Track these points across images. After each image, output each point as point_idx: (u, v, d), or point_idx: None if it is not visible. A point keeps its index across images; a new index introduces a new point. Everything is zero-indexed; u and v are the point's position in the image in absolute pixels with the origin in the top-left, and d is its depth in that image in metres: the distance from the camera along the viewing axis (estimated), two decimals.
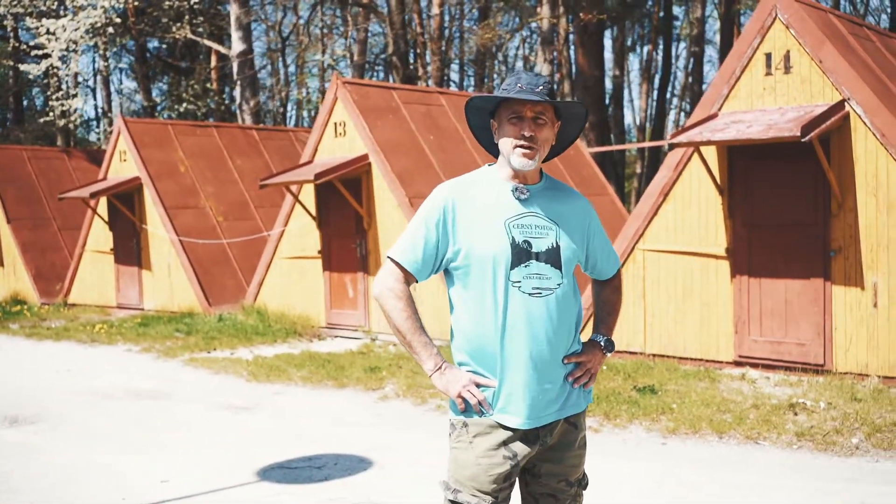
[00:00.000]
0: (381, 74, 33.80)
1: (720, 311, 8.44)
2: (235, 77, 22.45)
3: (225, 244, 14.68)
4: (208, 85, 28.67)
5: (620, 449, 6.12)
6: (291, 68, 37.20)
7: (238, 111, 22.78)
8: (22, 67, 24.40)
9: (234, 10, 21.93)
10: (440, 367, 2.64)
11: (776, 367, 8.09)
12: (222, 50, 24.03)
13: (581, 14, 16.05)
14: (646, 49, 32.09)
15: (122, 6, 24.97)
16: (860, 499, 4.97)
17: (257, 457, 6.09)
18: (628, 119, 48.81)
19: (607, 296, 2.94)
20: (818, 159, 7.52)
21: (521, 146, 2.63)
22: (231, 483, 5.54)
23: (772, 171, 8.07)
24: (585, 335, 3.04)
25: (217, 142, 16.26)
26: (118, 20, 24.42)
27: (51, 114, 25.34)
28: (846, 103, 7.60)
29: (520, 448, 2.62)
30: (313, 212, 12.14)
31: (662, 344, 8.84)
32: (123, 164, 15.27)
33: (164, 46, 35.02)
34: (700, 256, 8.57)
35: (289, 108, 38.89)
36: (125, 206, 15.07)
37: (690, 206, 8.60)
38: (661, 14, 23.71)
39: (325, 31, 32.70)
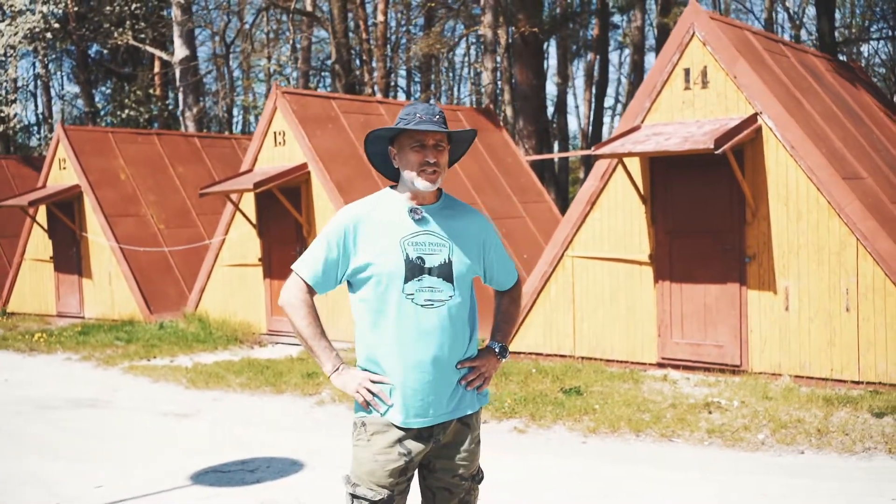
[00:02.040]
0: (328, 80, 33.89)
1: (644, 315, 8.81)
2: (178, 84, 22.42)
3: (166, 252, 14.71)
4: (151, 91, 28.51)
5: (544, 448, 6.41)
6: (238, 73, 37.15)
7: (181, 118, 22.74)
8: None
9: (176, 15, 21.92)
10: (338, 368, 2.90)
11: (696, 369, 8.48)
12: (164, 56, 23.93)
13: (515, 27, 16.41)
14: (589, 57, 32.70)
15: (61, 11, 24.76)
16: (762, 490, 5.32)
17: (192, 462, 6.25)
18: (574, 125, 49.58)
19: (506, 306, 3.22)
20: (733, 170, 7.92)
21: (425, 171, 2.90)
22: (165, 487, 5.70)
23: (691, 180, 8.46)
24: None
25: (159, 149, 16.27)
26: (57, 25, 24.17)
27: None
28: (759, 117, 8.02)
29: (414, 445, 2.88)
30: (254, 220, 12.28)
31: (591, 347, 9.18)
32: (63, 172, 15.21)
33: (107, 52, 34.70)
34: (625, 263, 8.93)
35: (235, 113, 38.78)
36: (65, 214, 15.01)
37: (616, 215, 8.97)
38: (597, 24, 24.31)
39: (271, 36, 32.74)
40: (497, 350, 3.09)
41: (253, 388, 8.89)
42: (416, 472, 2.98)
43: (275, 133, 12.04)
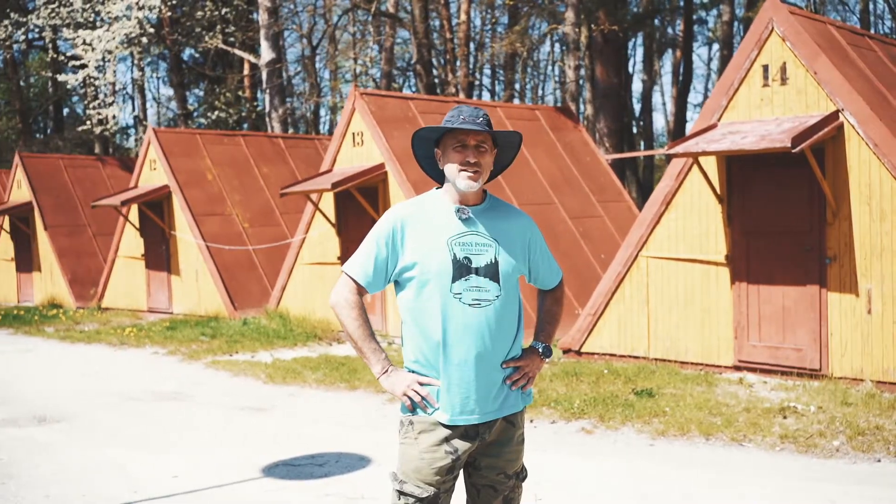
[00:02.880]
0: (412, 81, 34.20)
1: (720, 317, 8.65)
2: (264, 86, 22.96)
3: (251, 250, 15.12)
4: (240, 93, 29.28)
5: (610, 449, 6.37)
6: (326, 74, 37.86)
7: (267, 119, 23.28)
8: (59, 77, 25.14)
9: (262, 19, 22.45)
10: (387, 371, 2.97)
11: (774, 372, 8.28)
12: (252, 59, 24.54)
13: (593, 25, 16.26)
14: (676, 53, 32.12)
15: (155, 17, 25.65)
16: (831, 498, 5.18)
17: (264, 455, 6.44)
18: (662, 124, 48.70)
19: (549, 306, 3.25)
20: (813, 169, 7.70)
21: (466, 171, 2.94)
22: (237, 479, 5.89)
23: (769, 180, 8.26)
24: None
25: (244, 150, 16.73)
26: (151, 30, 25.04)
27: (87, 122, 26.06)
28: (840, 114, 7.78)
29: (460, 444, 2.93)
30: (333, 219, 12.51)
31: (665, 348, 9.06)
32: (153, 173, 15.79)
33: (199, 55, 35.82)
34: (701, 263, 8.78)
35: (322, 113, 39.51)
36: (155, 213, 15.58)
37: (692, 215, 8.82)
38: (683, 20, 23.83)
39: (357, 37, 33.23)
40: (541, 350, 3.13)
41: (328, 385, 9.08)
42: (461, 469, 3.03)
43: (353, 134, 12.24)
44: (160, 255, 15.84)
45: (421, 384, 2.94)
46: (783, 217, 8.22)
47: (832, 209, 7.86)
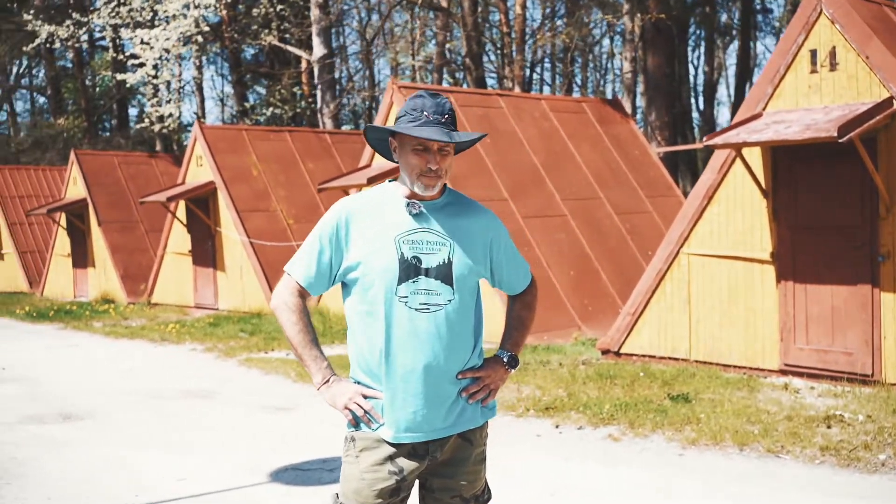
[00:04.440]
0: (463, 75, 33.92)
1: (765, 318, 8.17)
2: (316, 81, 22.93)
3: (294, 246, 15.04)
4: (296, 89, 29.36)
5: (635, 458, 6.01)
6: (386, 70, 37.87)
7: (319, 114, 23.25)
8: (119, 76, 25.54)
9: (314, 15, 22.43)
10: (328, 381, 2.69)
11: (822, 377, 7.78)
12: (304, 55, 24.55)
13: (641, 14, 15.75)
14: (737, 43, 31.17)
15: (213, 15, 25.86)
16: None
17: (276, 457, 6.24)
18: (727, 115, 47.41)
19: (517, 311, 2.93)
20: (864, 160, 7.19)
21: (426, 176, 2.66)
22: (243, 483, 5.70)
23: (817, 172, 7.76)
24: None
25: (290, 146, 16.67)
26: (207, 28, 25.24)
27: (146, 120, 26.43)
28: (894, 101, 7.24)
29: (406, 463, 2.64)
30: None
31: (707, 350, 8.61)
32: (200, 169, 15.83)
33: (258, 52, 36.12)
34: (745, 261, 8.31)
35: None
36: (201, 209, 15.62)
37: (735, 209, 8.35)
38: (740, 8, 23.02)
39: (408, 31, 33.07)
40: (505, 360, 2.82)
41: None
42: (412, 491, 2.75)
43: None
44: (206, 251, 15.88)
45: (365, 397, 2.66)
46: (832, 212, 7.71)
47: (885, 203, 7.33)
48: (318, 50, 22.53)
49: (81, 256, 19.62)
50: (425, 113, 2.65)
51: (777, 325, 8.08)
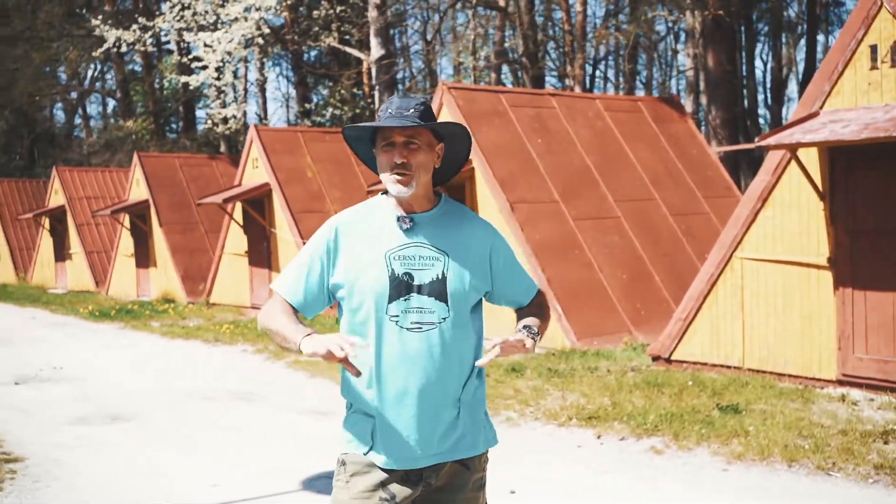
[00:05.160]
0: (521, 73, 33.66)
1: (822, 325, 7.82)
2: (374, 82, 22.98)
3: None
4: (356, 90, 29.52)
5: (676, 473, 5.79)
6: (449, 69, 37.82)
7: (377, 115, 23.28)
8: (183, 79, 25.99)
9: (372, 16, 22.47)
10: (310, 334, 2.40)
11: (883, 389, 7.40)
12: (362, 56, 24.64)
13: (697, 11, 15.33)
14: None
15: (272, 17, 26.12)
16: None
17: (311, 464, 6.19)
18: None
19: (528, 310, 2.71)
20: None
21: (395, 173, 2.53)
22: (275, 490, 5.66)
23: (877, 174, 7.39)
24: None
25: (345, 147, 16.69)
26: (268, 31, 25.52)
27: (208, 122, 26.85)
28: None
29: (399, 490, 2.52)
30: None
31: (761, 359, 8.30)
32: (255, 171, 15.98)
33: (321, 54, 36.46)
34: (801, 266, 7.97)
35: None
36: (256, 210, 15.76)
37: (790, 212, 8.02)
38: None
39: (474, 30, 32.96)
40: (532, 331, 2.56)
41: None
42: None
43: None
44: (261, 252, 16.01)
45: (351, 344, 2.32)
46: (893, 215, 7.33)
47: None
48: (376, 51, 22.54)
49: (144, 257, 20.01)
50: (389, 111, 2.54)
51: (834, 333, 7.73)
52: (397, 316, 2.50)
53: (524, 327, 2.60)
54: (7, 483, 5.83)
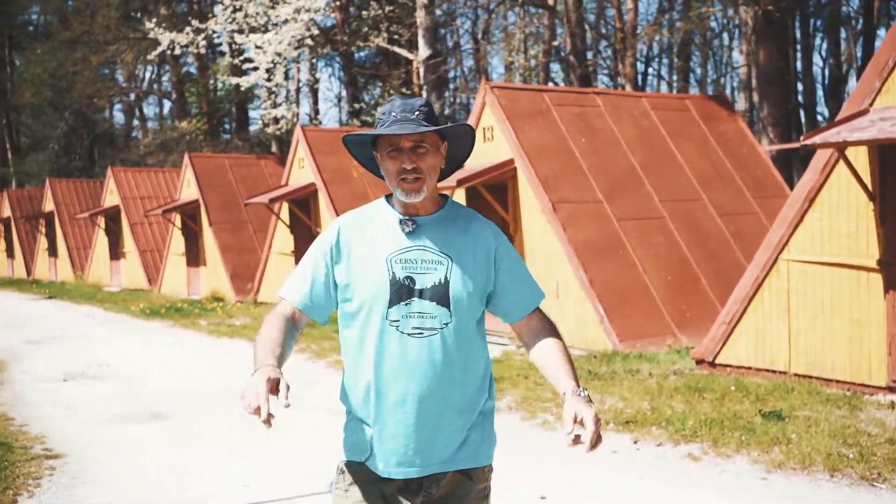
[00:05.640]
0: (567, 73, 33.36)
1: (872, 330, 7.57)
2: (421, 82, 23.00)
3: None
4: (404, 89, 29.57)
5: (712, 482, 5.64)
6: (500, 68, 37.71)
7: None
8: (235, 80, 26.31)
9: (419, 16, 22.49)
10: (257, 370, 2.26)
11: None
12: (410, 56, 24.67)
13: (746, 8, 14.99)
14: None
15: (322, 18, 26.30)
16: None
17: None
18: None
19: (553, 341, 2.52)
20: None
21: (405, 180, 2.47)
22: (305, 492, 5.65)
23: None
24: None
25: None
26: (317, 32, 25.71)
27: (260, 122, 27.13)
28: None
29: (398, 500, 2.47)
30: None
31: (808, 363, 8.06)
32: (302, 171, 16.09)
33: (372, 54, 36.64)
34: (850, 268, 7.72)
35: None
36: (302, 210, 15.86)
37: (839, 213, 7.78)
38: None
39: (523, 30, 32.79)
40: (584, 395, 2.36)
41: None
42: None
43: (484, 129, 11.85)
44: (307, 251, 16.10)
45: (278, 381, 2.19)
46: None
47: None
48: (424, 50, 22.56)
49: (194, 255, 20.30)
50: (393, 114, 2.47)
51: (885, 337, 7.47)
52: (398, 321, 2.45)
53: (583, 391, 2.37)
54: (45, 479, 5.93)
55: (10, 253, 31.68)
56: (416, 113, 2.45)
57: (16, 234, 30.57)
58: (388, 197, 2.62)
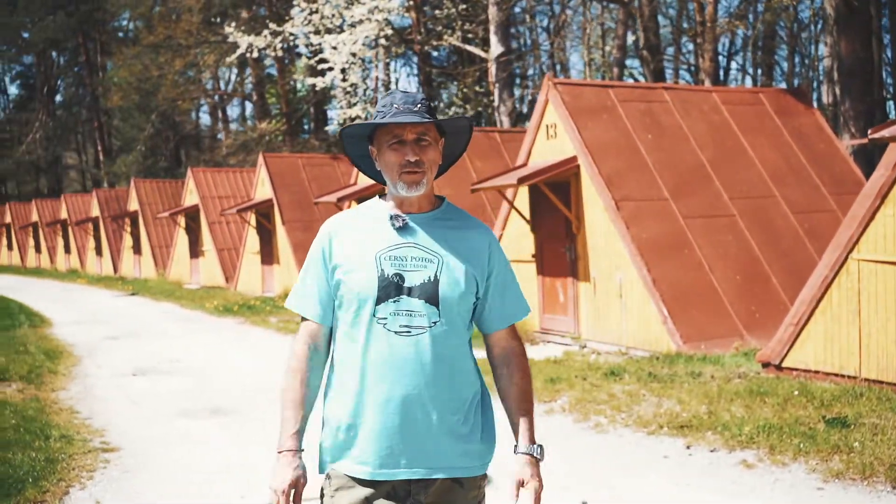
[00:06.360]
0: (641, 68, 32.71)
1: None
2: (493, 80, 22.92)
3: None
4: (478, 87, 29.52)
5: (764, 491, 5.41)
6: (581, 65, 37.32)
7: (496, 113, 23.21)
8: (310, 80, 26.69)
9: (492, 12, 22.41)
10: (283, 451, 2.47)
11: None
12: (482, 54, 24.61)
13: None
14: None
15: (396, 17, 26.46)
16: None
17: None
18: None
19: (519, 384, 2.54)
20: None
21: (407, 172, 2.41)
22: None
23: None
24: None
25: None
26: (391, 32, 25.88)
27: (337, 122, 27.46)
28: None
29: None
30: (527, 215, 12.06)
31: (880, 368, 7.69)
32: None
33: (449, 52, 36.69)
34: None
35: None
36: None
37: None
38: None
39: (601, 26, 32.35)
40: (538, 456, 2.49)
41: (492, 391, 8.63)
42: None
43: (547, 126, 11.71)
44: None
45: (294, 498, 2.42)
46: None
47: None
48: (496, 48, 22.49)
49: (268, 254, 20.66)
50: (395, 106, 2.42)
51: None
52: (385, 318, 2.40)
53: (539, 451, 2.49)
54: (98, 472, 6.09)
55: (98, 251, 32.86)
56: (419, 106, 2.41)
57: (104, 233, 31.68)
58: (382, 195, 2.58)
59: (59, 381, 9.90)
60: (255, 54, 27.82)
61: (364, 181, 16.18)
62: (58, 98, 57.88)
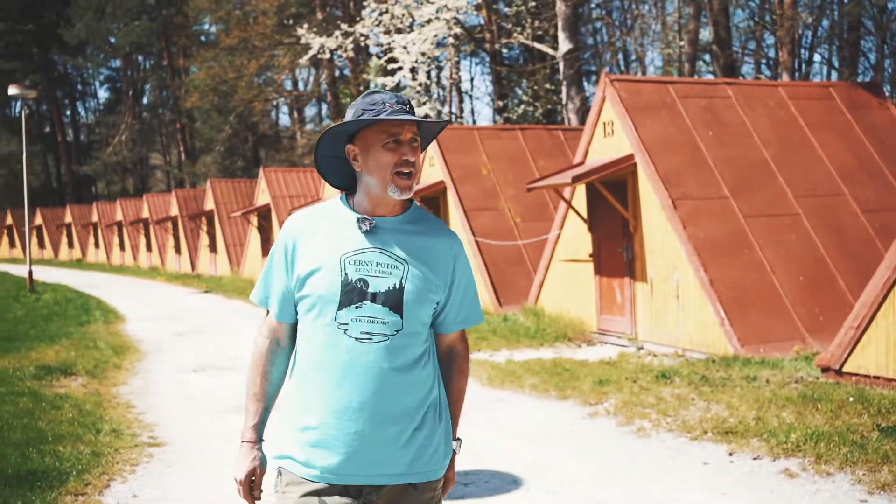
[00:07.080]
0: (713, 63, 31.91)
1: None
2: (561, 77, 22.70)
3: (520, 245, 14.95)
4: (548, 85, 29.31)
5: (803, 501, 5.21)
6: (658, 61, 36.73)
7: (564, 110, 22.99)
8: (380, 80, 26.89)
9: (559, 8, 22.19)
10: (243, 442, 2.58)
11: None
12: (549, 51, 24.40)
13: None
14: None
15: (471, 16, 26.46)
16: None
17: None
18: None
19: (457, 383, 2.61)
20: None
21: (403, 175, 2.39)
22: None
23: None
24: None
25: (521, 144, 16.60)
26: (460, 30, 25.90)
27: None
28: None
29: (335, 501, 2.38)
30: (584, 214, 11.91)
31: None
32: (432, 169, 16.22)
33: (519, 51, 36.59)
34: None
35: None
36: (431, 207, 15.98)
37: None
38: None
39: (678, 21, 31.75)
40: (457, 449, 2.60)
41: (540, 392, 8.59)
42: None
43: (604, 123, 11.53)
44: None
45: (252, 489, 2.54)
46: None
47: None
48: (564, 45, 22.26)
49: None
50: (388, 104, 2.38)
51: None
52: (346, 324, 2.37)
53: (458, 445, 2.61)
54: (141, 467, 6.24)
55: (177, 249, 33.79)
56: (409, 107, 2.40)
57: (182, 231, 32.56)
58: (345, 196, 2.55)
59: (122, 376, 10.20)
60: (327, 55, 28.17)
61: (425, 181, 16.23)
62: (143, 101, 59.87)
